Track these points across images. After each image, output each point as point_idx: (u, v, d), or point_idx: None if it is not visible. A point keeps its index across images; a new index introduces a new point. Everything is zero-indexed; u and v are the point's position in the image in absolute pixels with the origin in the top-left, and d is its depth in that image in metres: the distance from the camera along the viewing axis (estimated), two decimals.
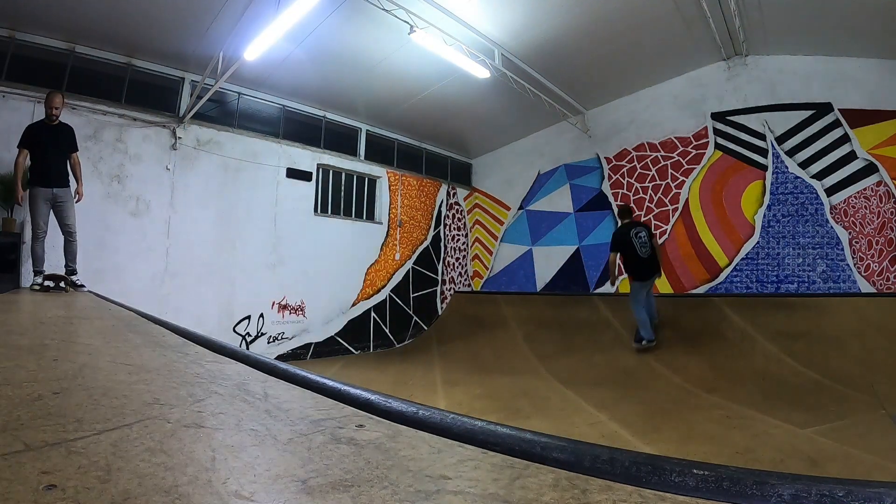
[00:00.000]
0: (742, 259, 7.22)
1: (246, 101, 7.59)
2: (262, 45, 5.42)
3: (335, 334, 8.46)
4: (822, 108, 6.69)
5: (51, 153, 4.64)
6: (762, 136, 7.18)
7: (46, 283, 4.66)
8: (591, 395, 5.03)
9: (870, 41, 6.05)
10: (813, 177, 6.74)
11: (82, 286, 4.86)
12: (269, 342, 7.56)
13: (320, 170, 8.50)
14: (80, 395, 0.80)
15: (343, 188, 8.95)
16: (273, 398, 0.84)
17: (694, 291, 7.58)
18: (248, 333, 7.37)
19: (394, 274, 9.53)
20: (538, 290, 9.59)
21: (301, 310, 8.03)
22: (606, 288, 8.60)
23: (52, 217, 4.74)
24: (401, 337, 9.55)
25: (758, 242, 7.11)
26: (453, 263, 10.74)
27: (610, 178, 8.84)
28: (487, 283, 10.61)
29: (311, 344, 8.11)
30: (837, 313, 5.76)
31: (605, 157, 8.93)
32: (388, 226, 9.50)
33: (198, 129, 6.96)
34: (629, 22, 6.27)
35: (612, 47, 6.91)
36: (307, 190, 8.25)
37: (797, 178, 6.86)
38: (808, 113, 6.81)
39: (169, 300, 6.46)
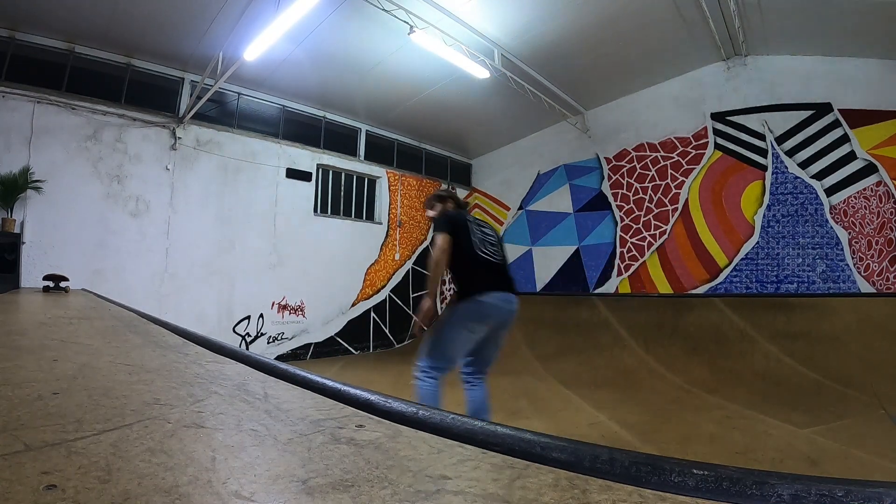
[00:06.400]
0: (742, 259, 7.22)
1: (246, 101, 7.59)
2: (261, 46, 5.42)
3: (335, 334, 8.46)
4: (822, 109, 6.70)
5: None
6: (762, 137, 7.19)
7: (46, 283, 4.66)
8: (590, 396, 5.03)
9: (870, 41, 6.05)
10: (812, 177, 6.75)
11: None
12: (268, 342, 7.55)
13: (320, 170, 8.50)
14: (80, 395, 0.80)
15: (343, 188, 8.95)
16: (273, 398, 0.84)
17: (693, 291, 7.58)
18: (247, 334, 7.37)
19: (393, 274, 9.53)
20: (538, 290, 9.59)
21: (301, 310, 8.03)
22: (606, 288, 8.62)
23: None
24: (400, 337, 9.54)
25: (757, 242, 7.11)
26: None
27: (610, 178, 8.84)
28: None
29: (310, 344, 8.11)
30: (837, 313, 5.77)
31: (604, 158, 8.93)
32: (388, 226, 9.51)
33: (197, 129, 6.96)
34: (629, 22, 6.27)
35: (611, 47, 6.92)
36: (307, 190, 8.25)
37: (797, 178, 6.86)
38: (808, 113, 6.82)
39: (169, 300, 6.46)
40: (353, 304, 8.80)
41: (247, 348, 7.22)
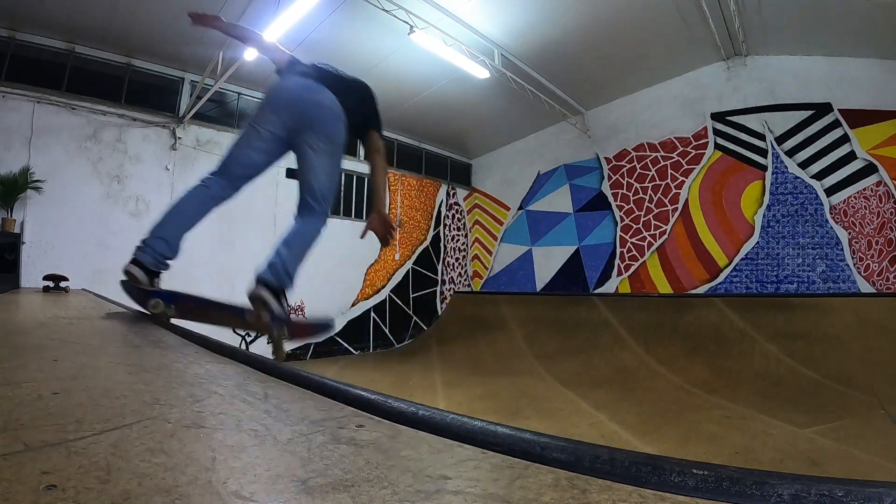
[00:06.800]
0: (742, 259, 7.22)
1: (246, 101, 7.59)
2: None
3: (335, 334, 8.45)
4: (822, 109, 6.70)
5: None
6: (762, 137, 7.19)
7: (46, 283, 4.65)
8: (590, 396, 5.03)
9: (870, 41, 6.06)
10: (812, 177, 6.75)
11: None
12: (268, 342, 7.54)
13: None
14: (80, 395, 0.80)
15: (343, 188, 8.95)
16: (273, 398, 0.84)
17: (693, 291, 7.58)
18: (247, 334, 7.37)
19: (393, 274, 9.53)
20: (538, 290, 9.59)
21: (301, 310, 8.02)
22: (606, 288, 8.62)
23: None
24: (400, 337, 9.54)
25: (757, 242, 7.11)
26: (453, 264, 10.75)
27: (610, 178, 8.85)
28: (487, 283, 10.62)
29: (310, 344, 8.10)
30: (837, 313, 5.76)
31: (604, 158, 8.93)
32: None
33: (197, 129, 6.96)
34: (629, 22, 6.27)
35: (611, 48, 6.92)
36: None
37: (797, 178, 6.87)
38: (808, 113, 6.82)
39: None
40: (353, 305, 8.79)
41: (247, 348, 7.22)
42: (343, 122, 2.08)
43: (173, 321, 2.08)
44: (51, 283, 4.64)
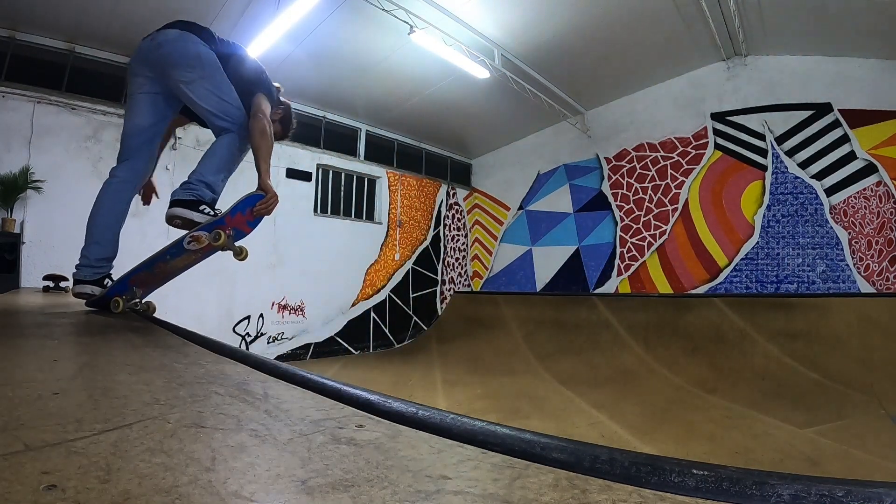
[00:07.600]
0: (742, 259, 7.22)
1: None
2: (261, 45, 5.42)
3: (335, 334, 8.46)
4: (822, 109, 6.70)
5: None
6: (762, 137, 7.19)
7: (46, 283, 4.65)
8: (590, 396, 5.03)
9: (870, 41, 6.05)
10: (812, 177, 6.75)
11: None
12: (268, 342, 7.55)
13: (320, 170, 8.50)
14: (79, 395, 0.80)
15: (343, 188, 8.95)
16: (273, 398, 0.84)
17: (693, 291, 7.58)
18: (247, 334, 7.37)
19: (393, 274, 9.53)
20: (538, 290, 9.59)
21: (301, 310, 8.03)
22: (606, 288, 8.62)
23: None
24: (400, 337, 9.54)
25: (757, 242, 7.11)
26: (453, 264, 10.75)
27: (609, 178, 8.85)
28: (487, 283, 10.62)
29: (310, 344, 8.11)
30: (837, 313, 5.77)
31: (604, 158, 8.93)
32: (388, 226, 9.50)
33: (197, 129, 6.92)
34: (629, 22, 6.27)
35: (611, 47, 6.92)
36: (307, 190, 8.25)
37: (797, 178, 6.87)
38: (808, 113, 6.82)
39: (169, 300, 6.44)
40: (353, 304, 8.80)
41: (247, 348, 7.22)
42: (194, 41, 2.24)
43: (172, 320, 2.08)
44: (51, 283, 4.64)
